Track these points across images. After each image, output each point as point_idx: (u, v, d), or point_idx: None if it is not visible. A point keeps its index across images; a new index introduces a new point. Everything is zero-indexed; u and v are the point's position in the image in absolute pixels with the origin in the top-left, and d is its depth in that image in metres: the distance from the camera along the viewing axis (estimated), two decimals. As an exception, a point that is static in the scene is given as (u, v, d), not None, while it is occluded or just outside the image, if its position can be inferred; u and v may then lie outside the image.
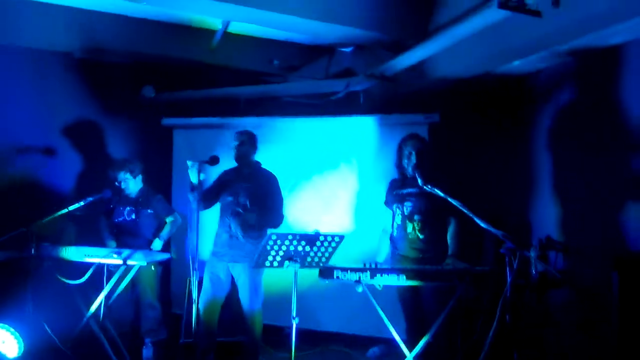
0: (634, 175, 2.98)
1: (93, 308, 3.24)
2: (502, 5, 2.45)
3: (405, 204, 3.07)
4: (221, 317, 3.44)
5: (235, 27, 4.10)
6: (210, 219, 3.56)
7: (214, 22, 3.96)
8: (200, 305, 3.28)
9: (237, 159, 3.43)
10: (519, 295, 2.91)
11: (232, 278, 3.41)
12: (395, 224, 3.13)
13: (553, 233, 3.52)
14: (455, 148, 4.22)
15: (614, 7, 2.52)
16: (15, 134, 4.10)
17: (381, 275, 2.63)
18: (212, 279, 3.37)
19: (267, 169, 3.54)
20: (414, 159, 3.01)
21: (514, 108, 4.00)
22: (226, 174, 3.52)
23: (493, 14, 2.62)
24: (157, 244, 3.69)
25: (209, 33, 4.10)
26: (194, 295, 2.99)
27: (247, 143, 3.42)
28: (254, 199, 3.34)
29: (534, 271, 3.00)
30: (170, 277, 4.45)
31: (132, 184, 3.77)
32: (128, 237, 3.71)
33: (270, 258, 2.78)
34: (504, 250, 2.27)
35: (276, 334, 3.99)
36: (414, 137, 3.09)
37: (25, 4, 3.67)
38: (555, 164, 3.59)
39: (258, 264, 2.81)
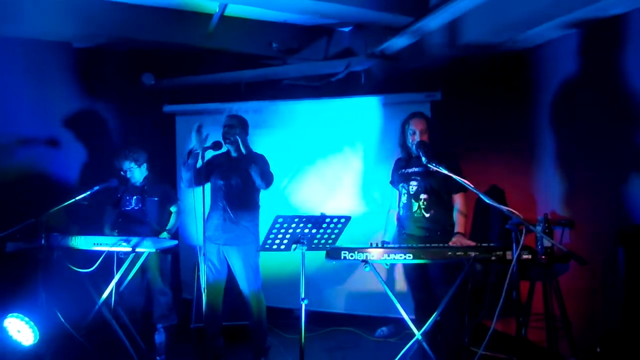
0: (637, 148, 2.96)
1: (105, 295, 3.28)
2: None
3: (411, 183, 3.06)
4: (228, 301, 3.47)
5: (233, 10, 4.05)
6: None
7: (211, 6, 3.91)
8: (204, 290, 3.31)
9: (226, 141, 3.34)
10: (526, 270, 2.93)
11: (228, 262, 3.42)
12: (401, 203, 3.13)
13: (558, 208, 3.52)
14: (458, 125, 4.20)
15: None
16: (17, 125, 4.09)
17: (388, 255, 2.65)
18: (207, 264, 3.35)
19: (257, 152, 3.49)
20: (417, 137, 2.99)
21: (516, 83, 3.96)
22: (216, 157, 3.47)
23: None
24: (164, 236, 3.72)
25: (206, 17, 4.05)
26: (202, 281, 3.02)
27: (237, 126, 3.35)
28: (245, 180, 3.31)
29: (540, 246, 3.03)
30: (180, 263, 4.50)
31: (137, 173, 3.78)
32: (135, 225, 3.74)
33: (277, 242, 2.79)
34: (510, 225, 2.28)
35: (286, 317, 4.05)
36: (416, 115, 3.07)
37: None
38: (559, 139, 3.57)
39: (265, 247, 2.82)
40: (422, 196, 3.02)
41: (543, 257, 3.07)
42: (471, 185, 2.50)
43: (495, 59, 3.83)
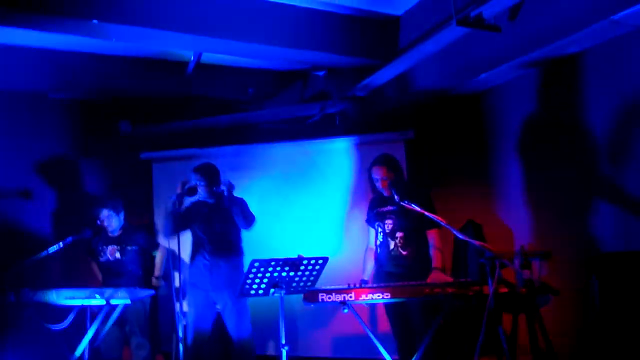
0: (599, 180, 3.06)
1: (77, 353, 3.15)
2: (460, 23, 2.54)
3: (386, 221, 3.10)
4: (213, 350, 3.39)
5: (208, 58, 4.14)
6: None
7: (186, 54, 4.00)
8: (188, 340, 3.24)
9: (207, 196, 3.43)
10: (507, 303, 2.93)
11: (216, 308, 3.37)
12: (378, 241, 3.15)
13: (534, 240, 3.57)
14: (433, 162, 4.29)
15: (569, 17, 2.63)
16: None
17: (366, 295, 2.62)
18: (194, 311, 3.34)
19: (234, 195, 3.52)
20: (381, 184, 3.08)
21: (481, 121, 4.10)
22: (195, 205, 3.51)
23: (454, 31, 2.70)
24: (156, 283, 3.65)
25: (181, 65, 4.14)
26: (180, 332, 2.95)
27: (208, 183, 3.40)
28: (228, 224, 3.36)
29: (518, 279, 3.04)
30: (158, 313, 4.37)
31: (115, 221, 3.72)
32: (114, 277, 3.65)
33: (255, 286, 2.76)
34: (484, 259, 2.30)
35: (267, 363, 3.93)
36: (376, 163, 3.14)
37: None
38: (527, 173, 3.67)
39: (243, 292, 2.78)
40: (398, 234, 3.05)
41: (523, 289, 3.09)
42: (443, 222, 2.54)
43: (462, 97, 3.97)
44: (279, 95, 4.74)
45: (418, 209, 2.65)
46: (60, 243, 3.35)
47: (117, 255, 3.68)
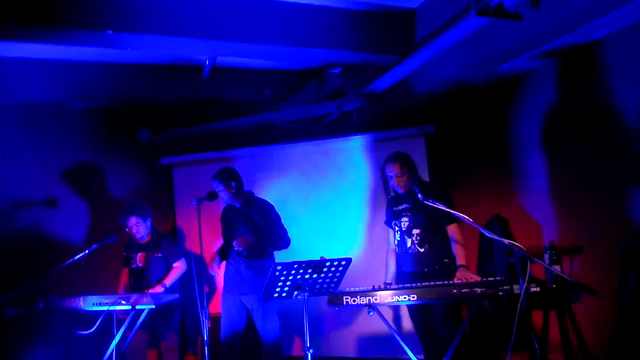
0: (634, 168, 2.93)
1: (105, 357, 3.19)
2: (480, 13, 2.45)
3: (402, 219, 3.07)
4: (245, 352, 3.42)
5: (223, 61, 4.14)
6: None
7: (202, 59, 4.00)
8: (222, 340, 3.35)
9: (232, 200, 3.48)
10: (537, 300, 2.84)
11: (248, 311, 3.40)
12: (395, 240, 3.11)
13: (564, 235, 3.45)
14: (455, 156, 4.19)
15: (592, 2, 2.51)
16: (16, 189, 4.13)
17: (392, 297, 2.57)
18: (226, 314, 3.40)
19: (261, 198, 3.55)
20: (395, 182, 3.04)
21: (505, 113, 3.98)
22: (225, 211, 3.60)
23: (473, 22, 2.62)
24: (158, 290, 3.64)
25: (197, 69, 4.14)
26: (205, 335, 2.96)
27: (226, 188, 3.43)
28: (253, 230, 3.38)
29: (548, 275, 2.94)
30: (185, 317, 4.40)
31: (142, 228, 3.73)
32: (140, 284, 3.67)
33: (278, 289, 2.74)
34: (514, 259, 2.21)
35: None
36: (390, 160, 3.09)
37: (12, 62, 3.74)
38: (555, 165, 3.55)
39: (266, 296, 2.77)
40: (414, 231, 3.00)
41: (554, 285, 2.99)
42: (469, 219, 2.46)
43: (484, 88, 3.86)
44: (295, 95, 4.71)
45: (443, 207, 2.58)
46: (86, 250, 3.38)
47: (145, 262, 3.70)
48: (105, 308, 3.16)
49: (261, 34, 3.33)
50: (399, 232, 3.07)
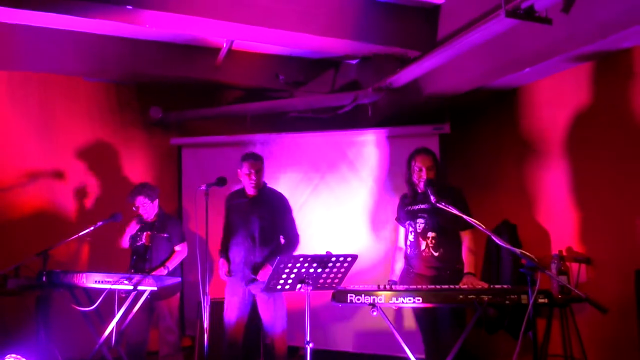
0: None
1: (105, 335, 3.20)
2: (510, 14, 2.38)
3: (418, 220, 2.97)
4: (248, 341, 3.41)
5: (240, 44, 4.08)
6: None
7: (218, 40, 3.94)
8: (225, 326, 3.32)
9: (255, 187, 3.38)
10: (541, 308, 2.81)
11: (253, 297, 3.39)
12: (408, 241, 3.04)
13: (573, 244, 3.41)
14: (467, 158, 4.13)
15: (624, 12, 2.43)
16: (25, 159, 4.12)
17: (397, 299, 2.54)
18: (231, 298, 3.37)
19: (274, 189, 3.49)
20: (424, 175, 2.92)
21: (523, 116, 3.90)
22: (232, 197, 3.49)
23: (502, 23, 2.54)
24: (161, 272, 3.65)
25: (213, 51, 4.09)
26: (205, 321, 2.96)
27: (262, 169, 3.38)
28: (266, 220, 3.34)
29: (557, 286, 2.91)
30: (183, 299, 4.41)
31: (149, 208, 3.73)
32: (142, 262, 3.67)
33: (282, 281, 2.71)
34: (524, 270, 2.17)
35: (290, 354, 3.91)
36: (422, 152, 2.99)
37: (31, 30, 3.71)
38: (571, 172, 3.48)
39: (269, 287, 2.75)
40: (430, 234, 2.92)
41: (559, 296, 2.95)
42: (482, 226, 2.41)
43: (498, 92, 3.79)
44: (310, 84, 4.65)
45: (455, 211, 2.53)
46: (91, 227, 3.37)
47: (150, 241, 3.70)
48: (107, 286, 3.15)
49: (280, 20, 3.27)
50: (413, 233, 2.98)
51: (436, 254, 2.91)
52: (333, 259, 2.65)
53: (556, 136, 3.58)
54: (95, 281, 3.18)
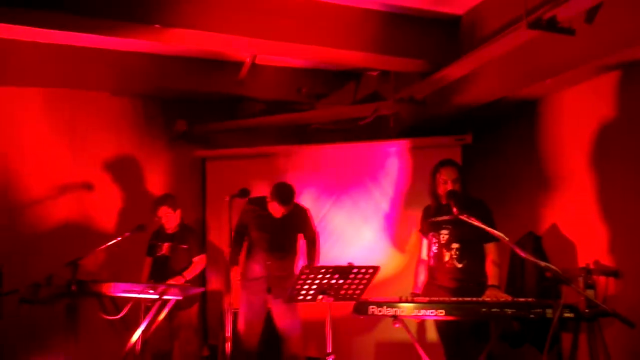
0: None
1: (131, 342, 3.27)
2: (532, 26, 2.37)
3: (442, 232, 2.95)
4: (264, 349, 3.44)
5: (262, 58, 4.16)
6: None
7: (241, 55, 4.03)
8: (241, 336, 3.36)
9: (282, 212, 3.41)
10: (567, 322, 2.74)
11: (268, 308, 3.42)
12: (431, 252, 3.02)
13: (601, 256, 3.32)
14: (491, 169, 4.09)
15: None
16: (56, 172, 4.26)
17: (419, 311, 2.53)
18: (246, 308, 3.40)
19: (298, 204, 3.54)
20: (449, 187, 2.90)
21: (547, 126, 3.85)
22: (253, 207, 3.50)
23: (523, 34, 2.53)
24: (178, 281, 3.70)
25: (236, 65, 4.18)
26: (227, 331, 2.99)
27: (291, 199, 3.38)
28: (288, 234, 3.43)
29: (582, 299, 2.84)
30: (206, 307, 4.47)
31: (172, 219, 3.81)
32: (164, 273, 3.74)
33: (304, 292, 2.74)
34: (550, 283, 2.14)
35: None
36: (447, 164, 2.97)
37: (62, 49, 3.86)
38: (599, 183, 3.41)
39: (291, 298, 2.78)
40: (454, 245, 2.90)
41: (586, 310, 2.88)
42: (505, 238, 2.39)
43: (522, 102, 3.75)
44: (332, 95, 4.70)
45: (477, 223, 2.51)
46: (118, 237, 3.46)
47: (170, 251, 3.77)
48: (133, 295, 3.23)
49: (302, 34, 3.33)
50: (436, 245, 2.96)
51: (460, 266, 2.88)
52: (355, 270, 2.67)
53: (582, 146, 3.52)
54: (123, 290, 3.27)
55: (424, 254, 3.08)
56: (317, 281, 2.69)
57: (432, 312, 2.50)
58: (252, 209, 3.52)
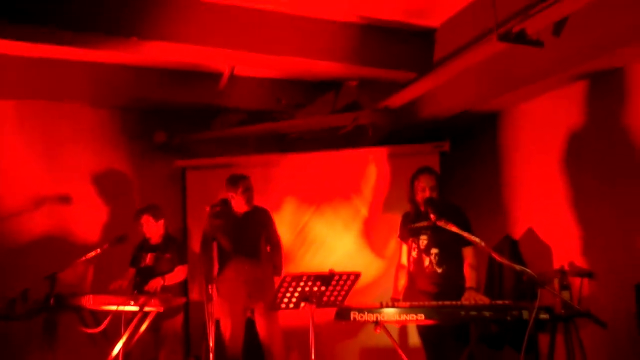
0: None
1: (112, 356, 3.22)
2: (502, 38, 2.47)
3: (421, 237, 3.01)
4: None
5: (241, 69, 4.18)
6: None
7: (220, 67, 4.05)
8: (225, 346, 3.36)
9: (247, 204, 3.47)
10: (544, 323, 2.82)
11: (250, 315, 3.42)
12: (411, 258, 3.08)
13: (575, 258, 3.44)
14: (468, 175, 4.19)
15: (616, 32, 2.52)
16: (32, 185, 4.19)
17: (399, 316, 2.58)
18: (227, 318, 3.41)
19: (258, 205, 3.58)
20: (427, 194, 2.95)
21: (521, 134, 3.97)
22: (217, 216, 3.40)
23: (494, 46, 2.63)
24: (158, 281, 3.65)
25: (215, 76, 4.19)
26: (210, 341, 2.98)
27: (251, 187, 3.47)
28: (254, 235, 3.46)
29: (558, 300, 2.93)
30: (188, 320, 4.42)
31: (154, 228, 3.78)
32: (145, 283, 3.70)
33: (286, 300, 2.75)
34: (525, 286, 2.21)
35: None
36: (425, 171, 3.04)
37: (37, 60, 3.81)
38: (570, 188, 3.53)
39: (274, 306, 2.79)
40: (433, 250, 2.96)
41: (562, 311, 2.97)
42: (481, 243, 2.46)
43: (497, 111, 3.86)
44: (311, 105, 4.74)
45: (455, 229, 2.57)
46: (98, 249, 3.42)
47: (153, 262, 3.74)
48: (114, 308, 3.19)
49: (280, 46, 3.38)
50: (416, 250, 3.02)
51: (439, 270, 2.94)
52: (336, 276, 2.69)
53: (554, 153, 3.64)
54: (103, 303, 3.23)
55: (404, 260, 3.13)
56: (299, 289, 2.70)
57: (412, 317, 2.55)
58: (215, 212, 3.31)
